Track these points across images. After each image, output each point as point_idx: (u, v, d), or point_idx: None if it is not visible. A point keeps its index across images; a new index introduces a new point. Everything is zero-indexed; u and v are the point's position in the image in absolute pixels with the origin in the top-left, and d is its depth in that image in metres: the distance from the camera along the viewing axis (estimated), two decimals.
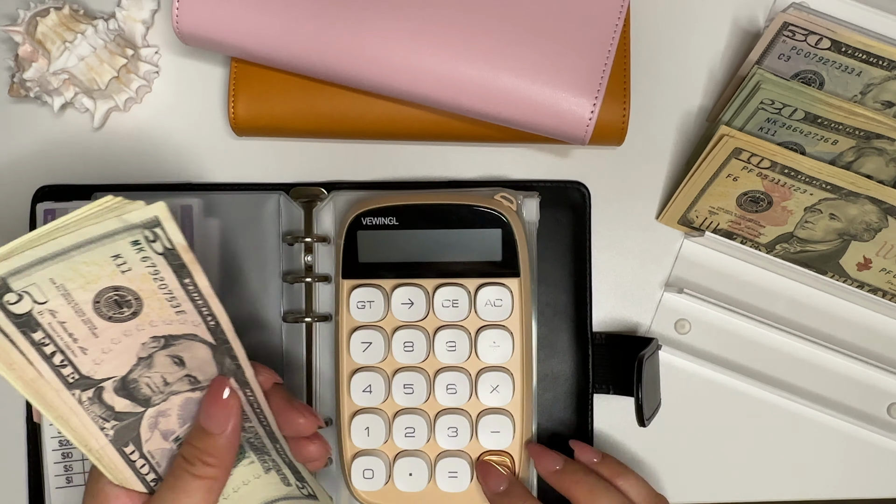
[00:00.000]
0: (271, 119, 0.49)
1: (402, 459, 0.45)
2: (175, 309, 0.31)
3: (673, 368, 0.50)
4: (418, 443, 0.45)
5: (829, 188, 0.45)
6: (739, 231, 0.49)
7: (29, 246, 0.28)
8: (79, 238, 0.28)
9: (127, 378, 0.33)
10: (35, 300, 0.29)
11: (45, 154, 0.51)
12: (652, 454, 0.50)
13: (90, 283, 0.29)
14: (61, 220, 0.28)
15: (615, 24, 0.44)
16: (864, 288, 0.49)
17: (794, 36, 0.46)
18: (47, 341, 0.30)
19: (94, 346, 0.31)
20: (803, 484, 0.50)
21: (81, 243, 0.28)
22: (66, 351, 0.30)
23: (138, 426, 0.34)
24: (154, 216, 0.28)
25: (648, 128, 0.51)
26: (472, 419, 0.45)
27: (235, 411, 0.35)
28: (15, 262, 0.28)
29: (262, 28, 0.44)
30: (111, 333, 0.31)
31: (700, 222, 0.49)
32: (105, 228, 0.28)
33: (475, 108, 0.44)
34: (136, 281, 0.30)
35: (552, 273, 0.49)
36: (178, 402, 0.35)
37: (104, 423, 0.33)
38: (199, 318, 0.32)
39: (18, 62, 0.48)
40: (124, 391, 0.33)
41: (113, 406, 0.33)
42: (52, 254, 0.28)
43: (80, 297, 0.29)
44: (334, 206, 0.48)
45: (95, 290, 0.30)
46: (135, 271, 0.30)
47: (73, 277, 0.29)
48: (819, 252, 0.48)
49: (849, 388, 0.50)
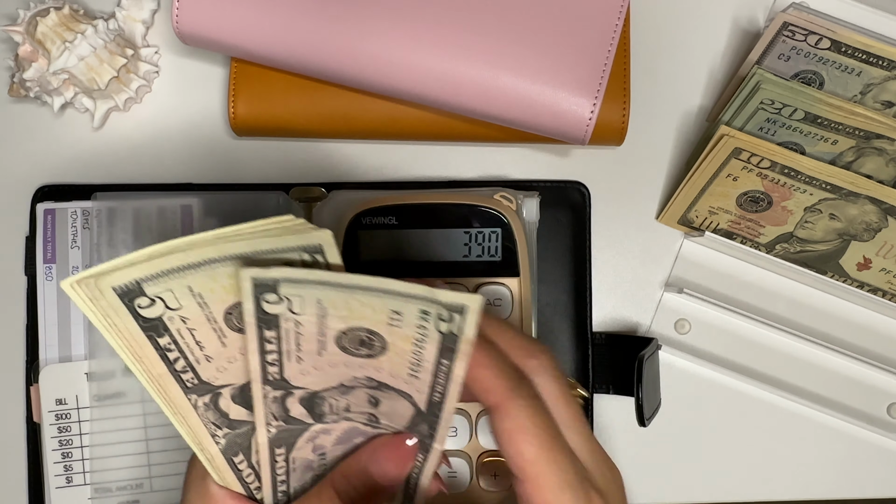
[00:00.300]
0: (271, 119, 0.49)
1: None
2: (411, 372, 0.30)
3: (673, 368, 0.50)
4: None
5: (829, 188, 0.45)
6: (739, 231, 0.49)
7: (175, 249, 0.27)
8: (254, 248, 0.28)
9: (317, 393, 0.32)
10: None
11: (45, 154, 0.51)
12: (652, 454, 0.50)
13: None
14: (227, 231, 0.28)
15: (615, 24, 0.44)
16: (864, 288, 0.49)
17: (794, 36, 0.46)
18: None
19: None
20: (803, 484, 0.50)
21: (262, 251, 0.28)
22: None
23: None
24: (465, 305, 0.27)
25: (648, 128, 0.51)
26: (472, 419, 0.45)
27: (408, 465, 0.32)
28: (156, 267, 0.27)
29: (262, 28, 0.44)
30: (334, 359, 0.30)
31: (700, 222, 0.49)
32: (398, 288, 0.28)
33: (475, 108, 0.44)
34: (396, 336, 0.29)
35: (552, 273, 0.49)
36: (345, 427, 0.34)
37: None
38: (427, 390, 0.30)
39: (18, 62, 0.48)
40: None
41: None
42: (197, 262, 0.28)
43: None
44: (334, 206, 0.48)
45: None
46: (403, 331, 0.28)
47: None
48: (819, 252, 0.48)
49: (849, 388, 0.50)
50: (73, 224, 0.47)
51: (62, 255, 0.47)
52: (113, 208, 0.47)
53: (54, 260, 0.47)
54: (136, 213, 0.47)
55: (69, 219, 0.47)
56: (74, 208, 0.47)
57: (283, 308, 0.28)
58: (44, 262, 0.47)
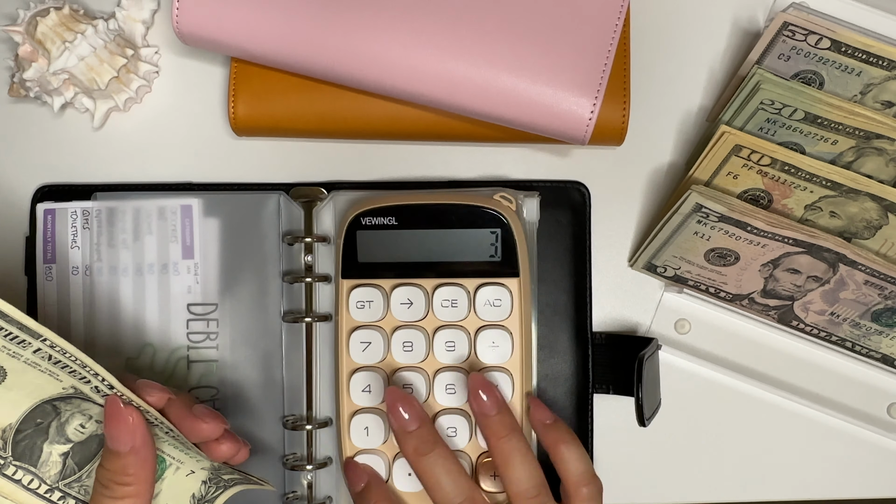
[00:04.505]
0: (271, 119, 0.49)
1: (402, 459, 0.45)
2: (759, 246, 0.44)
3: (673, 368, 0.50)
4: None
5: (830, 185, 0.45)
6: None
7: None
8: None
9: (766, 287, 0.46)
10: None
11: (45, 154, 0.51)
12: (652, 454, 0.50)
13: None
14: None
15: (615, 24, 0.44)
16: None
17: (794, 36, 0.46)
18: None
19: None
20: (803, 484, 0.50)
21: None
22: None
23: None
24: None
25: (648, 128, 0.51)
26: (472, 419, 0.45)
27: (139, 424, 0.35)
28: None
29: (262, 28, 0.44)
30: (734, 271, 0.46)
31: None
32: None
33: (475, 108, 0.44)
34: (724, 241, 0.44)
35: (552, 273, 0.49)
36: (819, 294, 0.43)
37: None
38: (782, 245, 0.43)
39: (18, 62, 0.48)
40: None
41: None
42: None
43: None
44: (334, 206, 0.48)
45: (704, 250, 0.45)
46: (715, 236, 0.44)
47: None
48: None
49: (849, 388, 0.50)
50: (73, 224, 0.47)
51: (62, 255, 0.47)
52: (113, 208, 0.47)
53: (54, 260, 0.47)
54: (136, 213, 0.47)
55: (69, 219, 0.47)
56: (74, 208, 0.47)
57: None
58: (44, 262, 0.47)
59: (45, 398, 0.34)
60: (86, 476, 0.36)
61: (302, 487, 0.47)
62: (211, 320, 0.47)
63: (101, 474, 0.36)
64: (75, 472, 0.36)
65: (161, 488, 0.38)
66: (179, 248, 0.47)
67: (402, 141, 0.51)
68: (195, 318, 0.47)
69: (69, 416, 0.35)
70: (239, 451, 0.40)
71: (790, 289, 0.47)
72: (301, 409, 0.47)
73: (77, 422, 0.35)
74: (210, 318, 0.47)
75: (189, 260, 0.47)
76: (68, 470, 0.35)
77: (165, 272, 0.46)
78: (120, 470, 0.35)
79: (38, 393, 0.34)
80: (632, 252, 0.51)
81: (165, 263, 0.46)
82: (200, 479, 0.39)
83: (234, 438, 0.40)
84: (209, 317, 0.47)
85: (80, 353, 0.33)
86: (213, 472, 0.40)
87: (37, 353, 0.33)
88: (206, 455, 0.39)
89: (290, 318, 0.47)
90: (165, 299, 0.46)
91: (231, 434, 0.40)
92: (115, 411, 0.35)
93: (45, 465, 0.35)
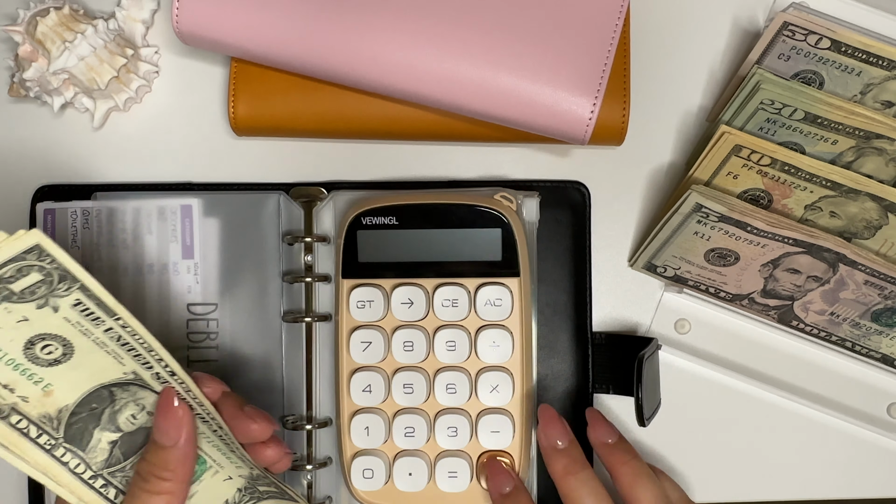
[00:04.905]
0: (271, 119, 0.49)
1: (402, 459, 0.45)
2: (759, 246, 0.44)
3: (673, 368, 0.50)
4: (418, 443, 0.45)
5: (829, 185, 0.45)
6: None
7: None
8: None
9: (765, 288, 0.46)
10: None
11: (45, 154, 0.51)
12: (652, 454, 0.50)
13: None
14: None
15: (615, 24, 0.44)
16: None
17: (794, 36, 0.46)
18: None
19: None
20: (803, 484, 0.50)
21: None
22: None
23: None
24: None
25: (648, 128, 0.51)
26: (472, 419, 0.45)
27: (187, 422, 0.35)
28: None
29: (262, 28, 0.44)
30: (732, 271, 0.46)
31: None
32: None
33: (475, 108, 0.45)
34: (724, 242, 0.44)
35: (552, 273, 0.49)
36: (818, 294, 0.42)
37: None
38: (782, 245, 0.43)
39: (18, 62, 0.48)
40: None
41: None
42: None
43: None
44: (334, 206, 0.48)
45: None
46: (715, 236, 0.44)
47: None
48: None
49: (849, 388, 0.50)
50: (73, 224, 0.47)
51: None
52: (113, 208, 0.47)
53: None
54: (136, 213, 0.47)
55: (69, 219, 0.47)
56: (74, 208, 0.47)
57: None
58: None
59: (104, 382, 0.34)
60: (129, 467, 0.36)
61: (302, 487, 0.47)
62: (211, 320, 0.47)
63: (141, 466, 0.35)
64: (120, 462, 0.35)
65: (197, 489, 0.37)
66: (179, 248, 0.47)
67: (402, 141, 0.51)
68: (195, 318, 0.47)
69: (123, 404, 0.35)
70: (282, 459, 0.40)
71: (790, 289, 0.47)
72: (301, 409, 0.47)
73: (129, 412, 0.35)
74: (210, 318, 0.47)
75: (189, 260, 0.47)
76: (114, 459, 0.35)
77: (165, 272, 0.46)
78: (161, 464, 0.35)
79: (99, 376, 0.34)
80: (632, 252, 0.51)
81: (165, 263, 0.46)
82: (236, 486, 0.39)
83: (281, 444, 0.40)
84: (209, 317, 0.47)
85: (150, 336, 0.33)
86: (251, 481, 0.39)
87: (108, 332, 0.32)
88: (251, 457, 0.39)
89: (290, 318, 0.47)
90: (165, 299, 0.46)
91: (278, 439, 0.40)
92: (168, 402, 0.35)
93: (93, 450, 0.34)
